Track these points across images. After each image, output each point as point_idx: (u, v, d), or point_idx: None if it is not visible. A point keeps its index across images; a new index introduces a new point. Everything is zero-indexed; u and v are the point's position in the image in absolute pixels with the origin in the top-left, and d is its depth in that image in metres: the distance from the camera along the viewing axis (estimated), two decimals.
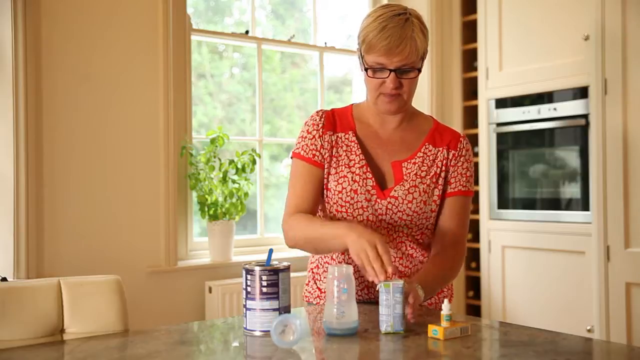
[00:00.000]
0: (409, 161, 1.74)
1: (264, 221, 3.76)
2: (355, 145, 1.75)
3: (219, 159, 3.38)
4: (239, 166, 3.39)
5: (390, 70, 1.64)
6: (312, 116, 1.79)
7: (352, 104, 1.84)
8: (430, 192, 1.73)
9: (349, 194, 1.72)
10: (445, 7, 4.13)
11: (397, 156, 1.75)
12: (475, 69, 4.01)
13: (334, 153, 1.75)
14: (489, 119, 3.76)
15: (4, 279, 2.56)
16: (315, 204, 1.76)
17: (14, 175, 2.83)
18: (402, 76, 1.65)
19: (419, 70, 1.68)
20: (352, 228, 1.55)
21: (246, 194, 3.44)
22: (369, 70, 1.67)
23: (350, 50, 4.15)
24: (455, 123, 4.10)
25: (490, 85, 3.76)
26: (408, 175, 1.73)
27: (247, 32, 3.73)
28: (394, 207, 1.71)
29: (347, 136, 1.76)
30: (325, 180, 1.76)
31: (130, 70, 3.18)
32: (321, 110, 1.81)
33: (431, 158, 1.76)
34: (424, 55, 1.68)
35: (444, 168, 1.76)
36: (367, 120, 1.79)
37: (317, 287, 1.83)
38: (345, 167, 1.74)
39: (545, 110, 3.50)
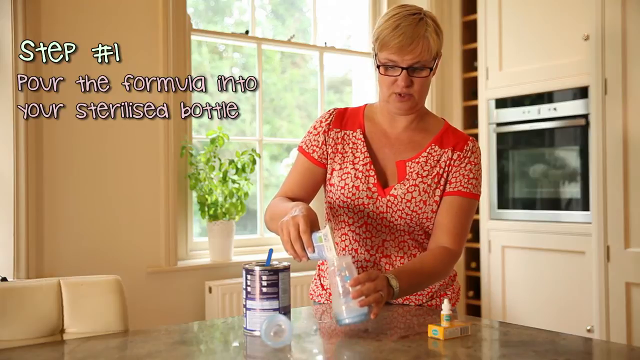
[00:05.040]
0: (413, 160, 1.74)
1: (263, 221, 3.75)
2: (362, 143, 1.76)
3: (219, 159, 3.38)
4: (239, 166, 3.39)
5: (402, 68, 1.65)
6: (323, 113, 1.83)
7: (366, 104, 1.85)
8: (431, 192, 1.72)
9: (350, 190, 1.72)
10: (445, 7, 4.13)
11: (403, 155, 1.76)
12: (475, 69, 4.01)
13: (339, 150, 1.77)
14: (489, 119, 3.76)
15: (4, 279, 2.56)
16: (303, 196, 1.77)
17: (14, 175, 2.83)
18: (413, 74, 1.66)
19: (432, 71, 1.69)
20: (295, 207, 1.54)
21: (246, 194, 3.44)
22: (381, 68, 1.68)
23: (350, 50, 4.15)
24: (455, 123, 4.10)
25: (490, 85, 3.76)
26: (410, 174, 1.73)
27: (247, 32, 3.73)
28: (393, 205, 1.71)
29: (354, 134, 1.78)
30: (329, 176, 1.77)
31: (130, 70, 3.17)
32: (334, 108, 1.84)
33: (435, 158, 1.75)
34: (437, 56, 1.69)
35: (446, 169, 1.74)
36: (378, 119, 1.80)
37: (321, 284, 1.84)
38: (350, 164, 1.75)
39: (545, 110, 3.50)
